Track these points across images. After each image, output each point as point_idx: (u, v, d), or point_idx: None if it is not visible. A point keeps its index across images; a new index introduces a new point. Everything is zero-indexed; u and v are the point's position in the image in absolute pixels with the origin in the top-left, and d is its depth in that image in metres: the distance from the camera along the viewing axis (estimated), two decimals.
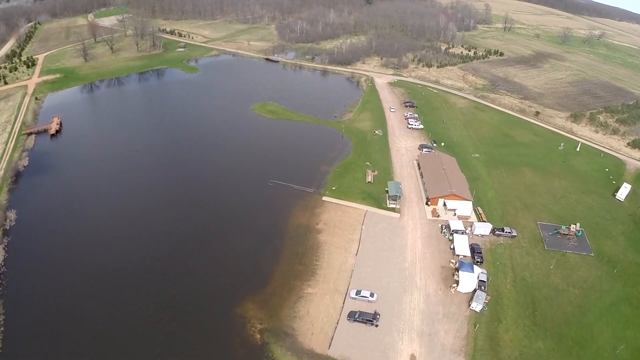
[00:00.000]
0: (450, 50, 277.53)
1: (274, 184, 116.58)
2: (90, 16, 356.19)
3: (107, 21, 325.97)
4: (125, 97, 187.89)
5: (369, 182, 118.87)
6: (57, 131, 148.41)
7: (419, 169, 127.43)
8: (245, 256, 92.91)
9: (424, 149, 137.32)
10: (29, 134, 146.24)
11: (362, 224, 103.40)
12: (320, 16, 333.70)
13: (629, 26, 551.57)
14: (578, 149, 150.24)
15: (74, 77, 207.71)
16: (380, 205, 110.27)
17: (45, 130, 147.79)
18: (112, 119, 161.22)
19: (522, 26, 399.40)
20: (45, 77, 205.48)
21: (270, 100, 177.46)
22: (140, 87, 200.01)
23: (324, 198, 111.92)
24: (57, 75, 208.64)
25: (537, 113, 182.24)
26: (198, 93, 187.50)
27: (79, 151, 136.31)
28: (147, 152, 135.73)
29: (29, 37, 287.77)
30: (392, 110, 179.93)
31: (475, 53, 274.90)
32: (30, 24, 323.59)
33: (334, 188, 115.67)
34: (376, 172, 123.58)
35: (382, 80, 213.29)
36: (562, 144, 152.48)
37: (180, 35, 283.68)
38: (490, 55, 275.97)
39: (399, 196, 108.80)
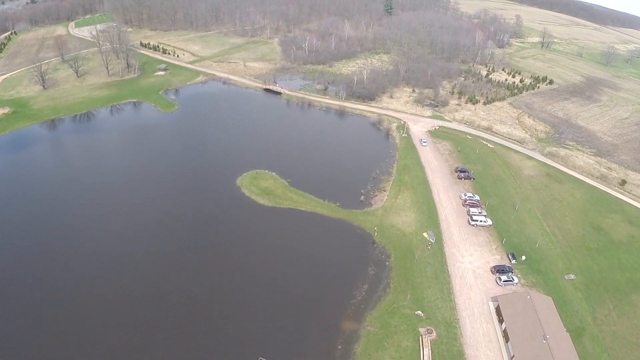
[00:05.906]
0: (491, 77, 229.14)
1: None
2: (71, 25, 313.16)
3: (88, 31, 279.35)
4: (71, 154, 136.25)
5: None
6: None
7: (500, 321, 79.40)
8: None
9: (503, 279, 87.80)
10: None
11: None
12: (333, 28, 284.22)
13: None
14: None
15: (25, 114, 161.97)
16: None
17: None
18: (41, 194, 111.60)
19: (556, 40, 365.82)
20: None
21: (265, 166, 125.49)
22: (97, 134, 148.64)
23: None
24: (7, 110, 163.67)
25: (623, 182, 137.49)
26: (167, 149, 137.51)
27: None
28: (67, 267, 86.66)
29: None
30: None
31: (521, 80, 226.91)
32: (5, 34, 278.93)
33: None
34: (434, 334, 75.37)
35: (420, 127, 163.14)
36: None
37: (164, 52, 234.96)
38: (539, 83, 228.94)
39: None
